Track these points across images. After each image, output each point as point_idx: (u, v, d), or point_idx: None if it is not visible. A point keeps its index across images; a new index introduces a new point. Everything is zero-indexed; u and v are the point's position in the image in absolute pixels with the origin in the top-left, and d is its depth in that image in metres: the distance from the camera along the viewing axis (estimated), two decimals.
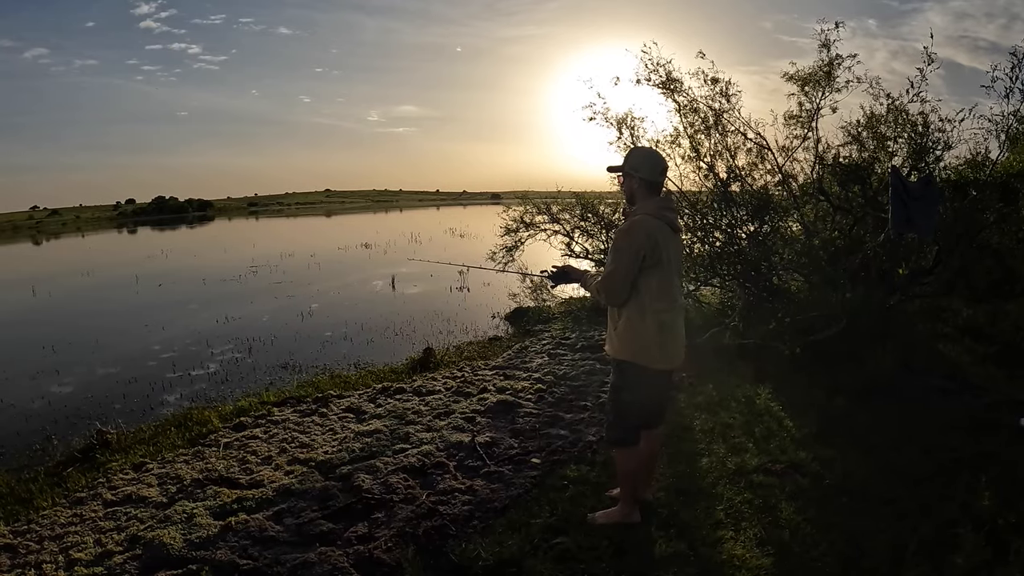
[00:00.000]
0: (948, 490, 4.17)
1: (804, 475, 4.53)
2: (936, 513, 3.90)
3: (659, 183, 3.83)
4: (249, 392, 8.46)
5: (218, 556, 4.13)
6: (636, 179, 3.74)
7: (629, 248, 3.56)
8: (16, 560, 4.37)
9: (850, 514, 3.99)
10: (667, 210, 3.78)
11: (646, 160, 3.81)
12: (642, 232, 3.57)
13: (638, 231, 3.58)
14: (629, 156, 3.87)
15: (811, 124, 7.62)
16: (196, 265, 26.99)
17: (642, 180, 3.73)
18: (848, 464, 4.62)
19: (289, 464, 5.56)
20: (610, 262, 3.66)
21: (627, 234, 3.62)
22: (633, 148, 4.08)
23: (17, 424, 8.02)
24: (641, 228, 3.59)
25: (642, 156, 3.87)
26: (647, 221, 3.63)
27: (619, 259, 3.59)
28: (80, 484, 5.63)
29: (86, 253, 44.07)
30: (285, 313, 14.60)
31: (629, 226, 3.64)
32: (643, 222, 3.62)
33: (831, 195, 7.51)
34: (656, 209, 3.69)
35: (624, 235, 3.64)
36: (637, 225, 3.61)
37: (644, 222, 3.62)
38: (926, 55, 6.87)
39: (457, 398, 7.00)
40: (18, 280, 25.63)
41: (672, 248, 3.71)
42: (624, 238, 3.62)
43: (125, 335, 13.57)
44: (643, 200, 3.73)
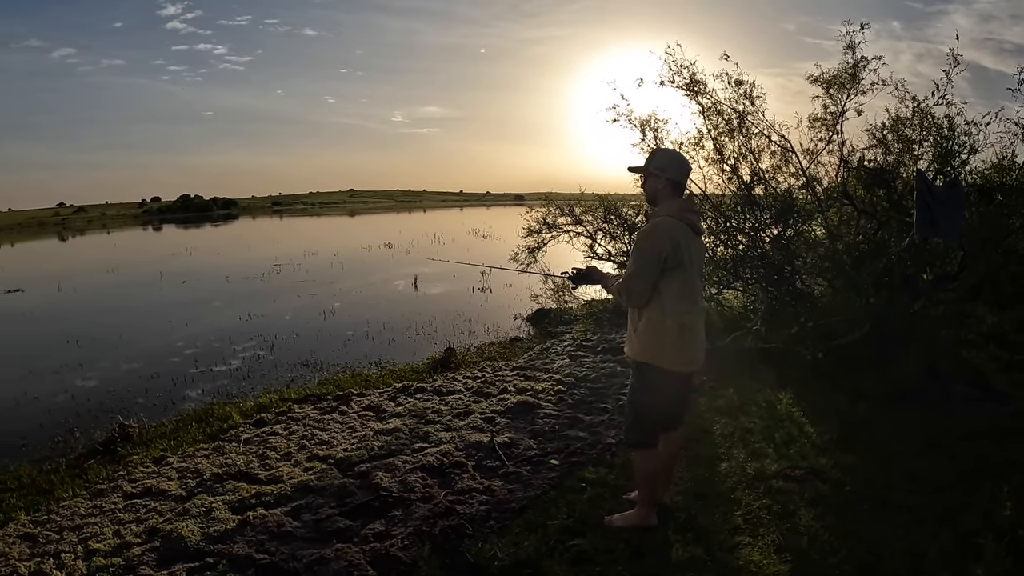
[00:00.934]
0: (970, 498, 4.11)
1: (824, 481, 4.48)
2: (957, 521, 3.84)
3: (683, 184, 3.81)
4: (270, 389, 8.52)
5: (235, 550, 4.18)
6: (662, 180, 3.71)
7: (651, 249, 3.53)
8: (36, 549, 4.44)
9: (870, 521, 3.95)
10: (690, 212, 3.75)
11: (672, 161, 3.79)
12: (664, 234, 3.55)
13: (660, 232, 3.55)
14: (654, 156, 3.84)
15: (836, 127, 7.55)
16: (220, 263, 27.20)
17: (668, 181, 3.71)
18: (869, 471, 4.57)
19: (308, 461, 5.61)
20: (632, 263, 3.63)
21: (649, 235, 3.59)
22: (657, 149, 4.17)
23: (40, 417, 8.12)
24: (663, 230, 3.56)
25: (668, 157, 3.86)
26: (669, 223, 3.60)
27: (641, 260, 3.56)
28: (101, 476, 5.72)
29: (111, 250, 44.51)
30: (307, 311, 14.67)
31: (651, 227, 3.61)
32: (665, 223, 3.59)
33: (856, 199, 7.44)
34: (679, 211, 3.66)
35: (646, 236, 3.60)
36: (659, 226, 3.58)
37: (666, 223, 3.59)
38: (951, 57, 6.79)
39: (477, 398, 7.01)
40: (44, 276, 25.91)
41: (694, 250, 3.68)
42: (646, 239, 3.59)
43: (148, 331, 13.69)
44: (666, 201, 3.71)
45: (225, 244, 43.71)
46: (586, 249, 11.85)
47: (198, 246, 40.69)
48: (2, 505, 5.29)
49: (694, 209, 3.85)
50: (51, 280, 23.31)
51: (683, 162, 3.83)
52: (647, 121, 8.29)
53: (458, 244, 32.12)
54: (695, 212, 3.83)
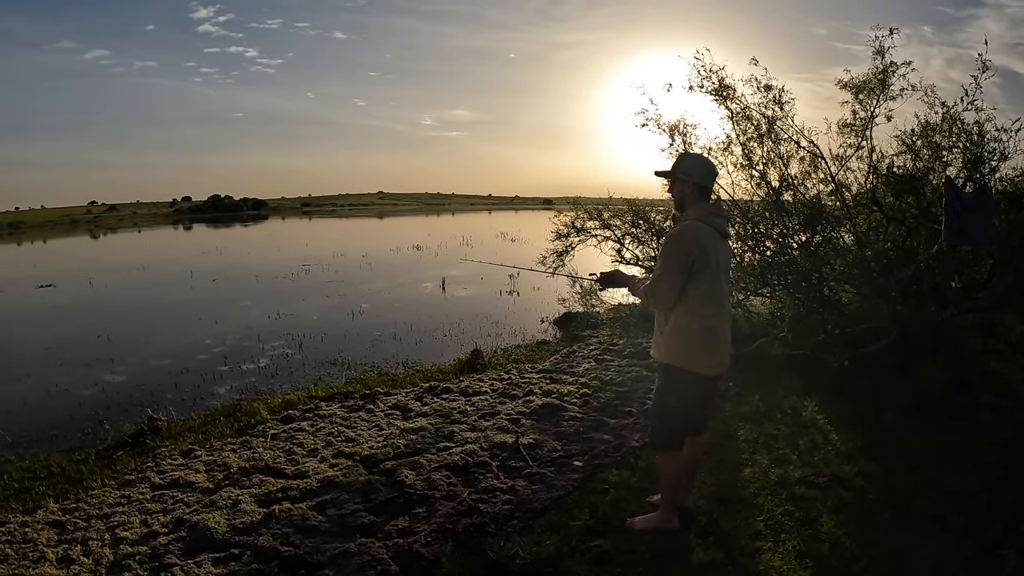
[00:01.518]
0: (994, 509, 4.08)
1: (847, 489, 4.46)
2: (980, 532, 3.82)
3: (710, 189, 3.84)
4: (298, 386, 8.63)
5: (260, 542, 4.26)
6: (689, 184, 3.73)
7: (679, 253, 3.55)
8: (64, 536, 4.56)
9: (892, 529, 3.94)
10: (717, 216, 3.76)
11: (699, 165, 3.81)
12: (692, 237, 3.56)
13: (688, 236, 3.57)
14: (681, 161, 3.86)
15: (865, 133, 7.50)
16: (249, 262, 27.48)
17: (695, 185, 3.72)
18: (893, 479, 4.55)
19: (334, 457, 5.70)
20: (659, 267, 3.64)
21: (677, 239, 3.60)
22: (684, 153, 4.18)
23: (71, 409, 8.30)
24: (691, 233, 3.57)
25: (695, 161, 3.86)
26: (697, 227, 3.61)
27: (668, 264, 3.57)
28: (129, 467, 5.86)
29: (142, 248, 45.19)
30: (336, 311, 14.80)
31: (679, 231, 3.63)
32: (693, 227, 3.60)
33: (885, 205, 7.39)
34: (706, 215, 3.67)
35: (674, 240, 3.62)
36: (687, 230, 3.59)
37: (694, 227, 3.60)
38: (980, 62, 6.72)
39: (503, 399, 7.05)
40: (76, 272, 26.32)
41: (721, 254, 3.70)
42: (674, 243, 3.61)
43: (178, 328, 13.89)
44: (693, 206, 3.72)
45: (255, 244, 44.16)
46: (614, 253, 11.84)
47: (228, 246, 41.12)
48: (32, 493, 5.44)
49: (721, 213, 3.86)
50: (83, 276, 23.70)
51: (710, 167, 3.85)
52: (676, 126, 8.30)
53: (486, 247, 32.20)
54: (722, 216, 3.84)
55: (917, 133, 7.29)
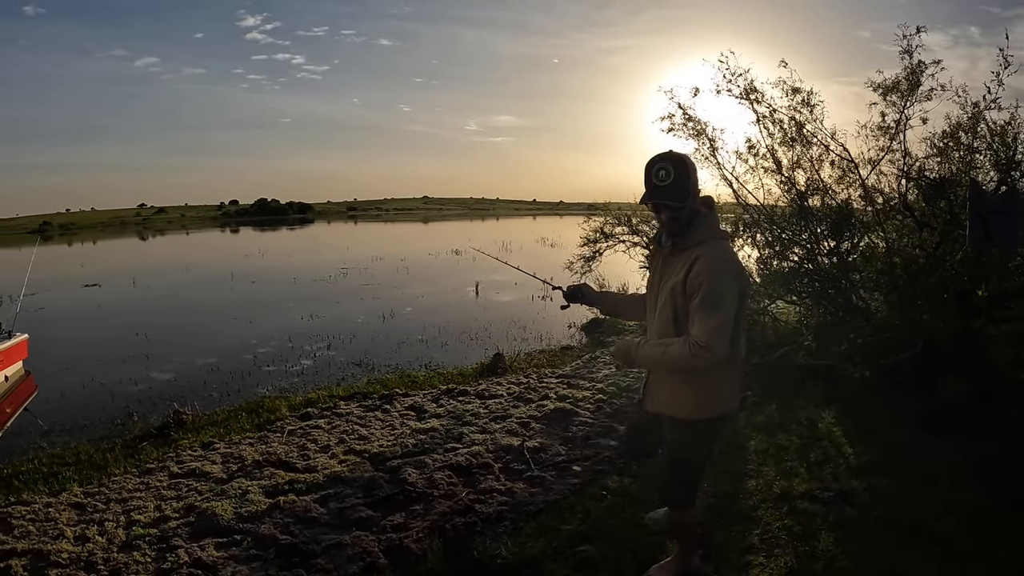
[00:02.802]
0: (1009, 533, 3.85)
1: (852, 505, 4.27)
2: (990, 557, 3.62)
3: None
4: (320, 386, 8.78)
5: (262, 530, 4.43)
6: (698, 198, 3.07)
7: (733, 287, 2.92)
8: (83, 517, 4.85)
9: (894, 550, 3.74)
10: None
11: (695, 169, 3.08)
12: (739, 264, 3.07)
13: (737, 265, 3.03)
14: (689, 172, 2.98)
15: (896, 136, 7.34)
16: (290, 265, 27.93)
17: (700, 197, 3.10)
18: (903, 496, 4.35)
19: (344, 454, 5.81)
20: (710, 308, 2.83)
21: (726, 269, 2.92)
22: (682, 159, 2.99)
23: (103, 400, 8.59)
24: (734, 258, 3.06)
25: (695, 168, 3.06)
26: (730, 247, 3.10)
27: (725, 302, 2.85)
28: (152, 457, 6.15)
29: (187, 250, 46.17)
30: (368, 314, 14.97)
31: (726, 259, 2.96)
32: (730, 249, 3.08)
33: (916, 211, 7.23)
34: (720, 227, 3.10)
35: (724, 272, 2.90)
36: (730, 255, 3.02)
37: (730, 249, 3.09)
38: (1002, 59, 6.51)
39: (517, 403, 7.05)
40: (121, 272, 27.06)
41: None
42: (725, 274, 2.89)
43: (214, 327, 14.21)
44: (707, 221, 3.04)
45: (297, 247, 44.79)
46: (643, 259, 11.77)
47: (271, 248, 41.80)
48: (59, 477, 5.79)
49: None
50: (127, 276, 24.36)
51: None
52: (703, 130, 8.20)
53: (525, 252, 32.22)
54: None
55: (947, 135, 7.12)
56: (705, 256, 2.89)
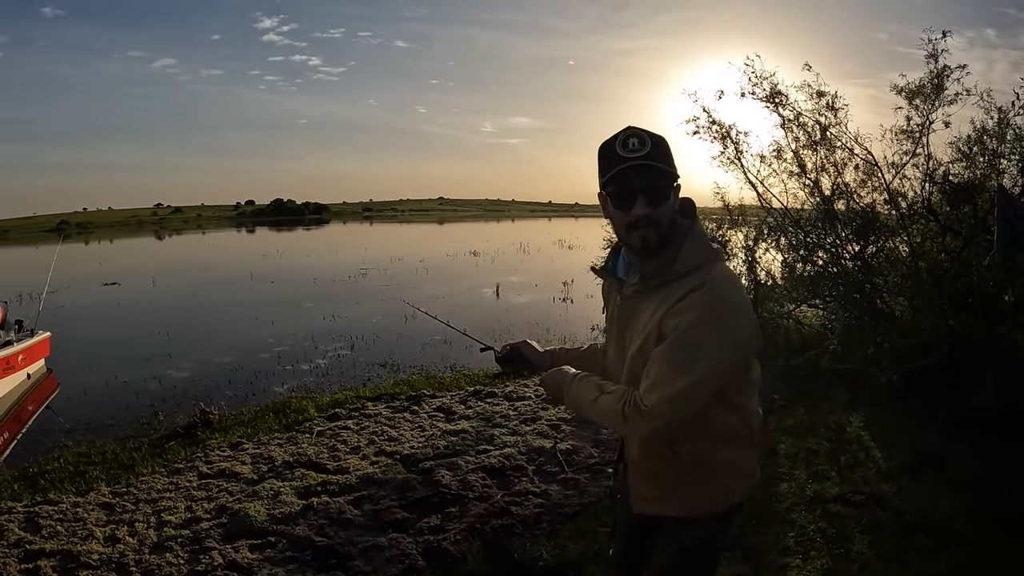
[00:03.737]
0: None
1: (884, 508, 4.32)
2: (1021, 561, 3.64)
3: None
4: (347, 386, 8.83)
5: (296, 532, 4.44)
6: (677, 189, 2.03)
7: (729, 346, 1.90)
8: (112, 517, 4.86)
9: (927, 553, 3.78)
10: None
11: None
12: (747, 305, 2.03)
13: (744, 307, 1.99)
14: (669, 151, 1.97)
15: (920, 139, 7.29)
16: (309, 265, 28.06)
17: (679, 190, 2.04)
18: (934, 501, 4.37)
19: (375, 455, 5.85)
20: (680, 363, 1.84)
21: (726, 316, 1.89)
22: (658, 135, 1.95)
23: (128, 400, 8.69)
24: (746, 300, 2.07)
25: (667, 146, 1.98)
26: (736, 279, 2.10)
27: (705, 367, 1.84)
28: (179, 456, 6.18)
29: (205, 249, 46.44)
30: (389, 315, 14.99)
31: (729, 298, 1.92)
32: (736, 282, 2.06)
33: (940, 215, 7.20)
34: (717, 249, 2.05)
35: (721, 315, 1.88)
36: (739, 296, 2.01)
37: (736, 282, 2.07)
38: None
39: (545, 405, 7.06)
40: (140, 271, 27.28)
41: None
42: (722, 324, 1.88)
43: (235, 327, 14.32)
44: (692, 234, 2.00)
45: (315, 247, 44.95)
46: None
47: (288, 248, 42.01)
48: (86, 476, 5.81)
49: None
50: (146, 275, 24.56)
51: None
52: (727, 133, 8.17)
53: (543, 254, 32.29)
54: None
55: (973, 139, 7.08)
56: (699, 292, 1.85)
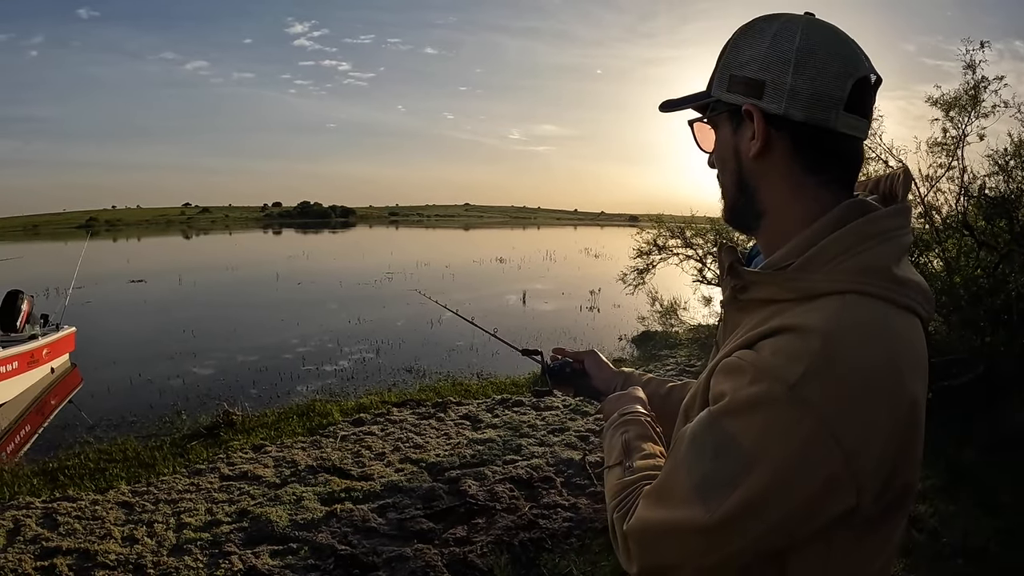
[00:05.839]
0: None
1: (920, 530, 4.22)
2: None
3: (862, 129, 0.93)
4: (372, 391, 8.75)
5: (319, 539, 4.36)
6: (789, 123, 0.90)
7: (818, 453, 0.77)
8: (131, 516, 4.79)
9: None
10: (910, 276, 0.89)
11: (826, 50, 0.90)
12: (888, 390, 0.80)
13: (876, 388, 0.79)
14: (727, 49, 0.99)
15: (956, 152, 7.13)
16: (335, 268, 28.11)
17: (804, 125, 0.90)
18: (970, 522, 4.29)
19: (400, 462, 5.76)
20: (704, 472, 0.83)
21: (828, 388, 0.77)
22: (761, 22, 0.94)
23: (152, 398, 8.69)
24: (887, 378, 0.80)
25: (821, 41, 0.90)
26: (887, 340, 0.82)
27: (758, 477, 0.79)
28: (201, 457, 6.11)
29: (232, 249, 46.79)
30: (415, 319, 14.94)
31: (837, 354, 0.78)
32: (884, 346, 0.81)
33: (976, 229, 7.02)
34: (896, 278, 0.86)
35: (811, 388, 0.77)
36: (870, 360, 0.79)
37: (885, 345, 0.81)
38: None
39: (574, 416, 6.96)
40: (167, 269, 27.50)
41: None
42: (810, 400, 0.77)
43: (261, 327, 14.32)
44: (849, 231, 0.87)
45: (341, 250, 45.15)
46: (695, 273, 11.64)
47: (315, 251, 42.25)
48: (106, 474, 5.76)
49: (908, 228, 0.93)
50: (173, 273, 24.74)
51: (847, 53, 0.91)
52: None
53: (570, 262, 32.18)
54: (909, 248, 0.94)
55: (1010, 152, 6.91)
56: (778, 340, 0.83)
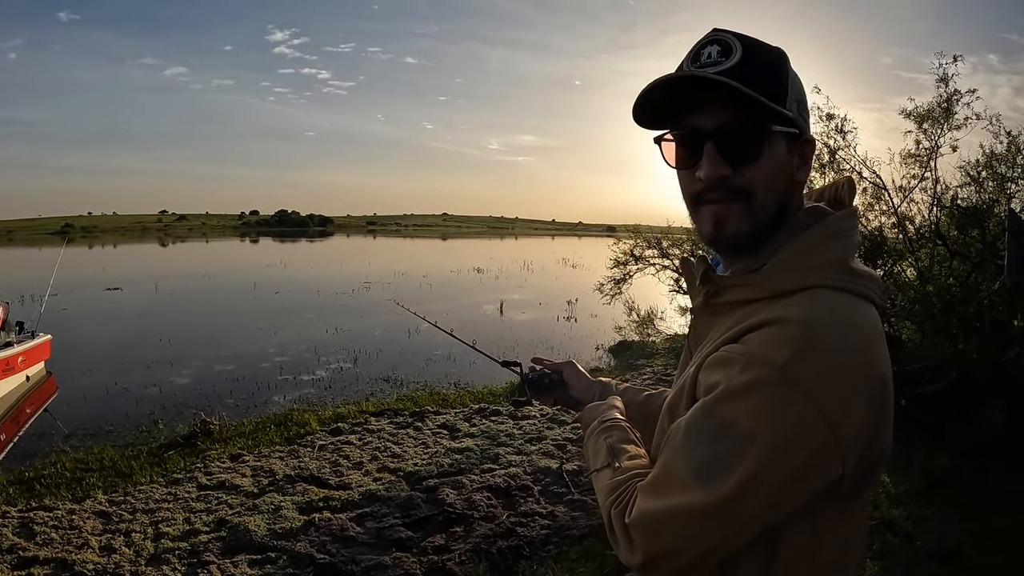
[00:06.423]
0: None
1: (895, 534, 4.29)
2: None
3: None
4: (349, 400, 8.76)
5: (297, 548, 4.35)
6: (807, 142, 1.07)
7: (811, 433, 0.85)
8: (108, 526, 4.78)
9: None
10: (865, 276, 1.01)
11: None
12: (870, 372, 0.90)
13: (861, 370, 0.90)
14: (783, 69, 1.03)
15: (929, 163, 7.27)
16: (312, 277, 28.06)
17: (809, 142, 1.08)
18: (944, 526, 4.36)
19: (378, 471, 5.77)
20: (703, 456, 0.90)
21: (816, 371, 0.86)
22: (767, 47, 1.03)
23: (128, 406, 8.64)
24: (870, 361, 0.91)
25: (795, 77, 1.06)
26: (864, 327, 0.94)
27: (754, 458, 0.86)
28: (178, 466, 6.09)
29: (209, 257, 46.48)
30: (393, 329, 14.92)
31: (820, 340, 0.88)
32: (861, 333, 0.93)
33: (948, 239, 7.16)
34: (855, 268, 1.00)
35: (800, 371, 0.86)
36: (854, 345, 0.90)
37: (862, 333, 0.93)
38: None
39: (551, 425, 6.99)
40: (143, 277, 27.28)
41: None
42: (801, 383, 0.86)
43: (238, 336, 14.25)
44: (812, 239, 1.01)
45: (318, 259, 45.07)
46: (672, 283, 11.74)
47: (292, 260, 42.08)
48: (83, 483, 5.73)
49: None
50: (149, 281, 24.56)
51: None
52: None
53: (547, 272, 32.26)
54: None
55: (982, 164, 7.06)
56: (764, 332, 0.92)
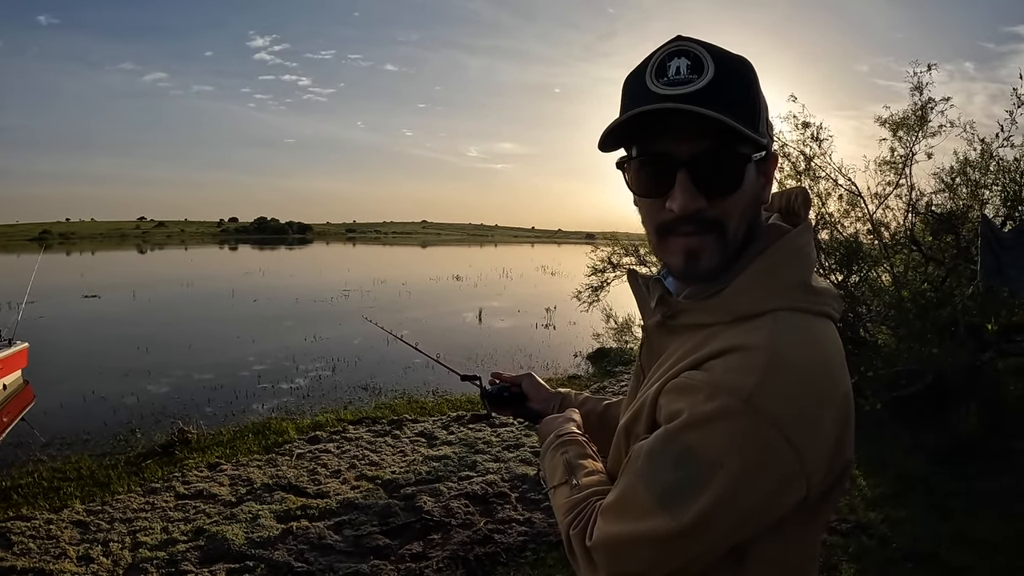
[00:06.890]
0: (1022, 560, 3.94)
1: (871, 536, 4.34)
2: None
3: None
4: (328, 409, 8.71)
5: (275, 556, 4.34)
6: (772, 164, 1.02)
7: (775, 459, 0.83)
8: (86, 535, 4.74)
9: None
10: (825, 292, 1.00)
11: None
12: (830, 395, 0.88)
13: (820, 394, 0.87)
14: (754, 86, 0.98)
15: (904, 170, 7.38)
16: (291, 285, 27.89)
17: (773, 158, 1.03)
18: (919, 527, 4.42)
19: (356, 479, 5.76)
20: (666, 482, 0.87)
21: (775, 398, 0.83)
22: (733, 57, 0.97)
23: (105, 415, 8.57)
24: (830, 384, 0.89)
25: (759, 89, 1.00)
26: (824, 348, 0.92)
27: (718, 485, 0.83)
28: (156, 475, 6.04)
29: (187, 265, 46.17)
30: (371, 337, 14.84)
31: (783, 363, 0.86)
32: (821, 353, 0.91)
33: (923, 245, 7.26)
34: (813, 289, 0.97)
35: (759, 399, 0.83)
36: (816, 367, 0.88)
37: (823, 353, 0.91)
38: (1015, 97, 6.58)
39: (529, 432, 7.00)
40: (121, 284, 27.10)
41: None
42: (762, 411, 0.83)
43: (217, 344, 14.15)
44: (777, 250, 0.97)
45: (297, 267, 44.83)
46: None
47: (271, 267, 41.87)
48: (60, 492, 5.67)
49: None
50: (127, 288, 24.39)
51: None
52: None
53: (526, 280, 32.31)
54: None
55: (956, 171, 7.17)
56: (727, 360, 0.89)
